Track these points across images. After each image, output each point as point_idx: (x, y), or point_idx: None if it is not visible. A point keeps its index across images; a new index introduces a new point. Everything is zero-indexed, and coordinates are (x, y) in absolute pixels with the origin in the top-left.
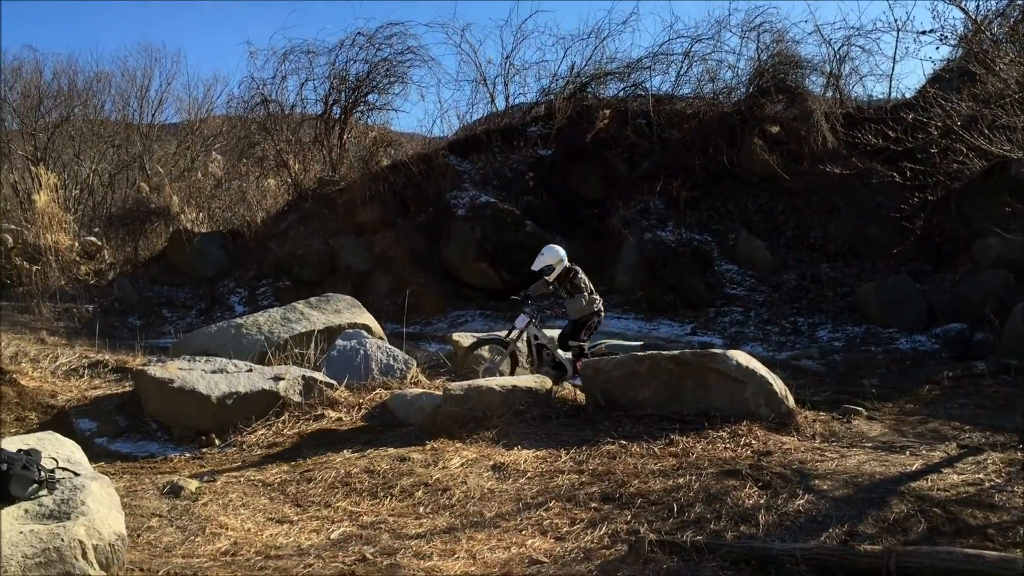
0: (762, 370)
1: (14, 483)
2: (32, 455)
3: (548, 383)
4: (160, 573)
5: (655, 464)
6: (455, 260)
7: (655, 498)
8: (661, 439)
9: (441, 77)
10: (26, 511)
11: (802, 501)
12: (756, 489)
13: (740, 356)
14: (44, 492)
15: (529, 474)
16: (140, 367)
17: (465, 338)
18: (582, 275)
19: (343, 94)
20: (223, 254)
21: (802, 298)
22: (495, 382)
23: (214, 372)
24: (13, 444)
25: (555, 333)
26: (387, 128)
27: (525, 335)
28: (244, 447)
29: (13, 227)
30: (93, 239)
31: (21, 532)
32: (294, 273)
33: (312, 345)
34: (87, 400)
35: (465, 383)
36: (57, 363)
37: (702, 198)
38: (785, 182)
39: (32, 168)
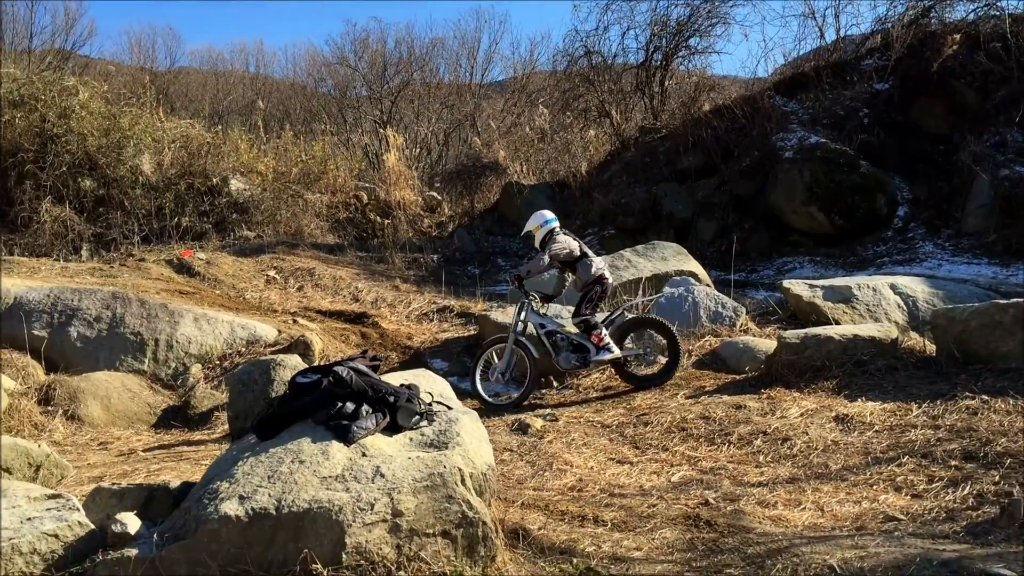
0: None
1: (400, 414)
2: (412, 389)
3: (893, 332)
4: (517, 503)
5: None
6: (782, 204)
7: None
8: None
9: (765, 14)
10: (410, 439)
11: None
12: None
13: None
14: (424, 423)
15: (876, 427)
16: (483, 312)
17: (797, 285)
18: (562, 237)
19: (664, 40)
20: (551, 205)
21: None
22: (834, 330)
23: None
24: (395, 380)
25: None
26: (707, 72)
27: (531, 325)
28: (580, 389)
29: (367, 185)
30: (434, 194)
31: (409, 458)
32: (618, 222)
33: (640, 292)
34: (438, 342)
35: (802, 331)
36: (410, 308)
37: None
38: None
39: (380, 131)
